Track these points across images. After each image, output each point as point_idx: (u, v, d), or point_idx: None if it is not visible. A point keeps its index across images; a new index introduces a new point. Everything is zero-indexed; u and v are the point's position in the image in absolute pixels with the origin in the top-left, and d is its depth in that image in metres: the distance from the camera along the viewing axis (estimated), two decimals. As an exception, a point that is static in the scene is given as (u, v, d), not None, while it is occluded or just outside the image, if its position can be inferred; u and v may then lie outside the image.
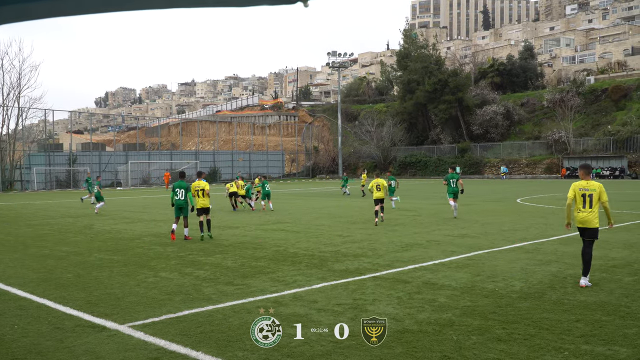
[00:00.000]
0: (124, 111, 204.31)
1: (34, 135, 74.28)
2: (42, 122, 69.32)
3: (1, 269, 11.26)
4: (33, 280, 10.03)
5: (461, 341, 6.13)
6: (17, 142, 58.59)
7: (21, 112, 57.72)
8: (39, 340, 6.43)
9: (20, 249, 14.11)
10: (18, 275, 10.56)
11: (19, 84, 57.09)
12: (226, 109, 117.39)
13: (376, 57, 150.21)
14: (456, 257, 11.56)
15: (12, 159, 56.26)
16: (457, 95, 72.40)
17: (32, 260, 12.28)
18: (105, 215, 23.63)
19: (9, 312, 7.77)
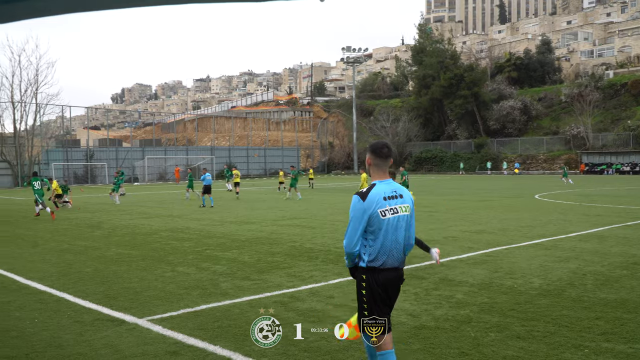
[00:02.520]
0: (140, 107, 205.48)
1: (52, 131, 75.06)
2: (60, 119, 70.04)
3: (21, 263, 11.40)
4: (52, 274, 10.13)
5: (479, 338, 6.09)
6: (35, 138, 59.20)
7: (39, 108, 58.32)
8: (59, 334, 6.49)
9: (40, 244, 14.26)
10: (38, 269, 10.68)
11: (36, 80, 57.65)
12: (241, 105, 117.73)
13: (391, 52, 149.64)
14: (473, 254, 11.49)
15: (31, 155, 56.87)
16: (473, 90, 71.92)
17: (52, 255, 12.41)
18: (122, 210, 23.83)
19: (29, 305, 7.86)
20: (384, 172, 4.42)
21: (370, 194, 4.25)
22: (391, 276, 4.34)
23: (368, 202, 4.22)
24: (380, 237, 4.25)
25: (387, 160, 4.42)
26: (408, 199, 4.43)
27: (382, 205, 4.24)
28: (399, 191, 4.37)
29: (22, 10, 1.98)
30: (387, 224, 4.25)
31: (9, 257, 12.10)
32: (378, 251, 4.27)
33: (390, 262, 4.32)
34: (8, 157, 55.42)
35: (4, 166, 55.26)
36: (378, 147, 4.43)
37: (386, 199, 4.27)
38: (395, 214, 4.29)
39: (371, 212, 4.21)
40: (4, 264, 11.18)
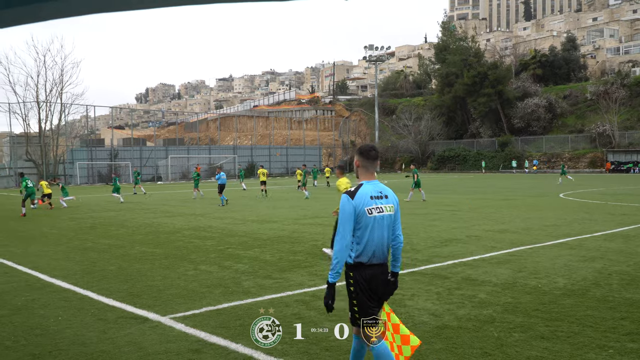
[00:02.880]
0: (164, 107, 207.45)
1: (77, 130, 76.12)
2: (84, 118, 70.92)
3: (45, 261, 11.56)
4: (76, 272, 10.25)
5: (502, 338, 6.03)
6: (60, 137, 60.08)
7: (64, 108, 59.17)
8: (83, 331, 6.57)
9: (64, 242, 14.46)
10: (62, 267, 10.82)
11: (61, 80, 58.51)
12: (263, 104, 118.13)
13: (414, 50, 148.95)
14: (497, 253, 11.38)
15: (56, 154, 57.72)
16: (497, 88, 71.22)
17: (76, 253, 12.56)
18: (146, 209, 24.07)
19: (53, 303, 7.96)
20: (371, 173, 4.68)
21: (359, 193, 4.47)
22: (377, 272, 4.53)
23: (356, 201, 4.42)
24: (367, 235, 4.44)
25: (375, 162, 4.68)
26: (393, 199, 4.64)
27: (369, 204, 4.45)
28: (384, 192, 4.60)
29: (47, 11, 1.99)
30: (373, 222, 4.45)
31: (34, 256, 12.29)
32: (364, 248, 4.46)
33: (376, 259, 4.52)
34: (33, 156, 56.30)
35: (29, 165, 56.14)
36: (366, 150, 4.68)
37: (373, 198, 4.49)
38: (381, 212, 4.49)
39: (359, 210, 4.41)
40: (29, 262, 11.35)
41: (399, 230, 4.69)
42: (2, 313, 7.45)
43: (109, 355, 5.73)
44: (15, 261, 11.52)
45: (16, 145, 57.95)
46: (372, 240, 4.47)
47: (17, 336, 6.42)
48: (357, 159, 4.71)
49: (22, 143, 57.56)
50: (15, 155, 57.40)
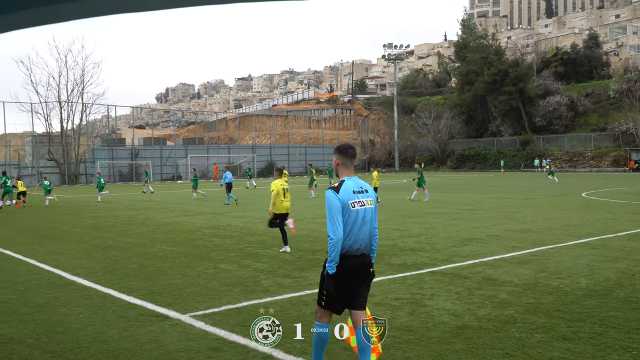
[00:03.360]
0: (184, 106, 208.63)
1: (98, 130, 76.81)
2: (105, 118, 71.66)
3: (67, 259, 11.69)
4: (98, 270, 10.35)
5: (524, 339, 5.96)
6: (82, 137, 60.76)
7: (85, 107, 59.85)
8: (104, 329, 6.63)
9: (86, 240, 14.61)
10: (83, 265, 10.93)
11: (82, 80, 59.17)
12: (282, 103, 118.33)
13: (433, 48, 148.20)
14: (518, 253, 11.27)
15: (77, 153, 58.39)
16: (518, 86, 70.50)
17: (97, 251, 12.69)
18: (166, 208, 24.25)
19: (74, 301, 8.05)
20: (350, 170, 4.98)
21: (342, 188, 4.78)
22: (358, 262, 4.80)
23: (341, 195, 4.73)
24: (350, 227, 4.72)
25: (353, 160, 5.00)
26: (372, 193, 4.95)
27: (352, 198, 4.76)
28: (364, 187, 4.92)
29: (70, 12, 2.00)
30: (356, 215, 4.75)
31: (56, 254, 12.43)
32: (348, 240, 4.73)
33: (359, 250, 4.80)
34: (55, 155, 57.00)
35: (51, 165, 56.84)
36: (344, 149, 5.00)
37: (355, 193, 4.80)
38: (362, 206, 4.80)
39: (344, 203, 4.71)
40: (51, 261, 11.49)
41: (376, 223, 4.98)
42: (25, 311, 7.54)
43: (130, 353, 5.78)
44: (37, 259, 11.67)
45: (38, 145, 58.72)
46: (356, 232, 4.74)
47: (39, 333, 6.50)
48: (336, 158, 5.00)
49: (44, 142, 58.30)
50: (37, 154, 58.17)
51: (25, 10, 1.93)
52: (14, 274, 10.11)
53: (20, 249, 13.10)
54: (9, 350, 5.91)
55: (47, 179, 29.70)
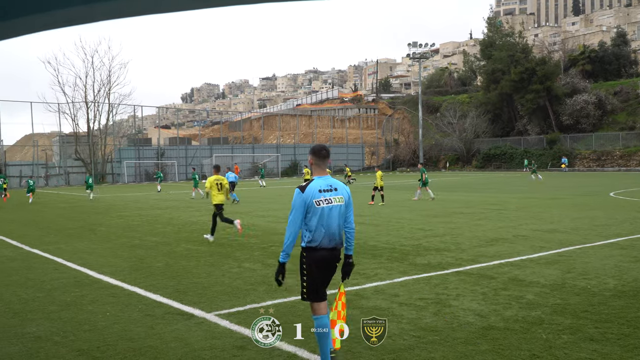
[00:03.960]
0: (209, 106, 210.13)
1: (124, 130, 77.87)
2: (132, 118, 72.53)
3: (94, 258, 11.84)
4: (124, 269, 10.47)
5: (551, 340, 5.88)
6: (108, 136, 61.58)
7: (111, 108, 60.65)
8: (130, 327, 6.69)
9: (112, 239, 14.79)
10: (110, 264, 11.06)
11: (109, 81, 59.99)
12: (306, 103, 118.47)
13: (458, 46, 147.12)
14: (545, 253, 11.12)
15: (104, 153, 59.18)
16: (545, 84, 69.53)
17: (123, 250, 12.84)
18: (191, 207, 24.44)
19: (101, 299, 8.14)
20: (323, 169, 5.31)
21: (308, 187, 5.13)
22: (326, 254, 5.18)
23: (306, 194, 5.09)
24: (315, 222, 5.07)
25: (326, 160, 5.32)
26: (343, 191, 5.27)
27: (317, 197, 5.09)
28: (334, 185, 5.23)
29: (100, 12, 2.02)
30: (320, 212, 5.08)
31: (83, 252, 12.61)
32: (314, 234, 5.10)
33: (325, 243, 5.14)
34: (82, 155, 57.83)
35: (78, 164, 57.68)
36: (318, 150, 5.31)
37: (321, 192, 5.13)
38: (330, 203, 5.13)
39: (308, 202, 5.07)
40: (78, 259, 11.65)
41: (351, 218, 5.34)
42: (52, 309, 7.65)
43: (156, 351, 5.83)
44: (64, 258, 11.84)
45: (65, 145, 59.66)
46: (321, 228, 5.09)
47: (65, 331, 6.58)
48: (310, 158, 5.33)
49: (71, 142, 59.23)
50: (64, 154, 59.10)
51: (55, 10, 1.95)
52: (41, 273, 10.28)
53: (47, 248, 13.31)
54: (36, 348, 6.00)
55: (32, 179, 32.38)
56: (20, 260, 11.73)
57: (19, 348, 6.01)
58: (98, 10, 1.99)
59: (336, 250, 5.24)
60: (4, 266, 11.08)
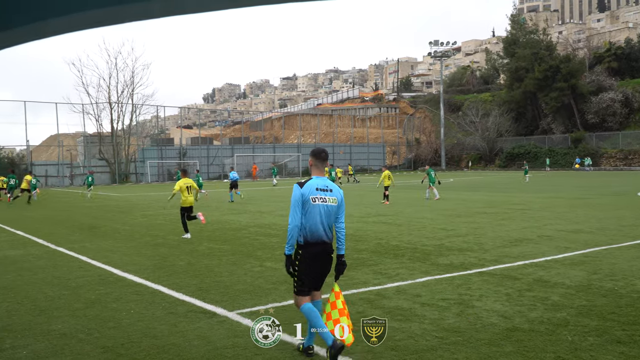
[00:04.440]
0: (230, 106, 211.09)
1: (147, 130, 78.60)
2: (154, 118, 73.27)
3: (118, 256, 11.96)
4: (148, 267, 10.56)
5: (577, 342, 5.78)
6: (132, 137, 62.21)
7: (135, 108, 61.29)
8: (154, 325, 6.74)
9: (136, 238, 14.93)
10: (134, 262, 11.16)
11: (132, 81, 60.65)
12: (327, 102, 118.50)
13: (481, 44, 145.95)
14: (570, 254, 10.96)
15: (127, 153, 59.81)
16: (570, 82, 68.66)
17: (147, 249, 12.95)
18: (213, 207, 24.58)
19: (125, 297, 8.22)
20: (321, 170, 5.73)
21: (307, 184, 5.54)
22: (319, 249, 5.52)
23: (304, 189, 5.50)
24: (310, 218, 5.45)
25: (324, 162, 5.76)
26: (337, 193, 5.64)
27: (314, 194, 5.49)
28: (329, 186, 5.62)
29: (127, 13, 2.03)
30: (316, 208, 5.47)
31: (107, 251, 12.74)
32: (309, 229, 5.46)
33: (317, 239, 5.49)
34: (106, 155, 58.53)
35: (102, 164, 58.37)
36: (318, 152, 5.77)
37: (318, 190, 5.52)
38: (324, 202, 5.51)
39: (305, 197, 5.46)
40: (102, 257, 11.77)
41: (342, 219, 5.70)
42: (77, 306, 7.74)
43: (179, 348, 5.86)
44: (89, 256, 11.98)
45: (90, 145, 60.41)
46: (315, 223, 5.46)
47: (90, 329, 6.65)
48: (310, 160, 5.79)
49: (95, 142, 59.96)
50: (88, 154, 59.84)
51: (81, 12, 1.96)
52: (66, 271, 10.41)
53: (72, 246, 13.48)
54: (62, 345, 6.07)
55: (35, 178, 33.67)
56: (47, 259, 11.90)
57: (44, 345, 6.09)
58: (124, 12, 2.00)
59: (327, 245, 5.58)
60: (31, 264, 11.25)
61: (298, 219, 5.45)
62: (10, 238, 15.63)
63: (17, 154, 61.97)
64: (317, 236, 5.50)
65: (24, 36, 2.16)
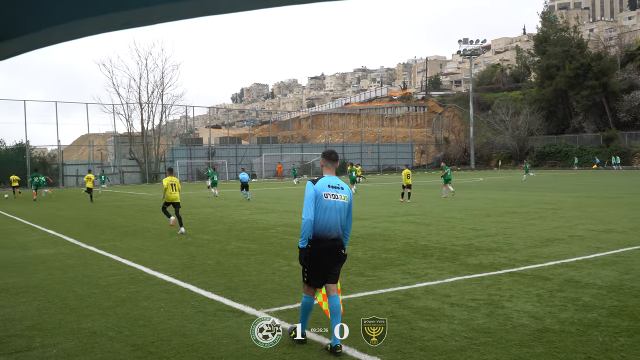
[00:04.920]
0: (258, 106, 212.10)
1: (176, 130, 79.36)
2: (184, 118, 74.00)
3: (148, 255, 12.11)
4: (177, 266, 10.67)
5: (608, 343, 5.69)
6: (161, 136, 62.92)
7: (164, 108, 61.99)
8: (183, 323, 6.81)
9: (165, 237, 15.11)
10: (164, 261, 11.29)
11: (162, 82, 61.36)
12: (355, 102, 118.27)
13: (511, 42, 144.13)
14: (602, 254, 10.77)
15: (157, 153, 60.53)
16: (601, 80, 67.45)
17: (176, 248, 13.09)
18: (242, 206, 24.74)
19: (155, 295, 8.32)
20: (331, 170, 6.09)
21: (320, 181, 5.89)
22: (330, 244, 5.78)
23: (317, 186, 5.82)
24: (321, 213, 5.74)
25: (335, 163, 6.11)
26: (347, 191, 5.98)
27: (326, 190, 5.82)
28: (340, 184, 5.95)
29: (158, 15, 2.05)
30: (327, 204, 5.77)
31: (137, 250, 12.91)
32: (320, 224, 5.74)
33: (330, 234, 5.77)
34: (136, 155, 59.30)
35: (132, 164, 59.16)
36: (329, 154, 6.15)
37: (330, 187, 5.85)
38: (336, 198, 5.83)
39: (318, 193, 5.77)
40: (133, 256, 11.94)
41: (350, 217, 6.04)
42: (107, 305, 7.85)
43: (208, 347, 5.91)
44: (119, 255, 12.15)
45: (120, 145, 61.26)
46: (327, 219, 5.75)
47: (120, 327, 6.74)
48: (322, 160, 6.19)
49: (126, 142, 60.78)
50: (119, 154, 60.69)
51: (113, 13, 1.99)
52: (97, 269, 10.57)
53: (103, 245, 13.70)
54: (92, 343, 6.16)
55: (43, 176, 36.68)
56: (77, 258, 12.10)
57: (74, 343, 6.18)
58: (156, 13, 2.02)
59: (338, 240, 5.85)
60: (62, 263, 11.45)
61: (311, 213, 5.70)
62: (41, 237, 15.95)
63: (49, 154, 63.13)
64: (327, 231, 5.75)
65: (54, 37, 2.20)
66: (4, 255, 12.76)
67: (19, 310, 7.68)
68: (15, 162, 52.26)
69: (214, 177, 32.12)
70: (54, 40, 2.24)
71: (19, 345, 6.13)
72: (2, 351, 5.96)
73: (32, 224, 19.39)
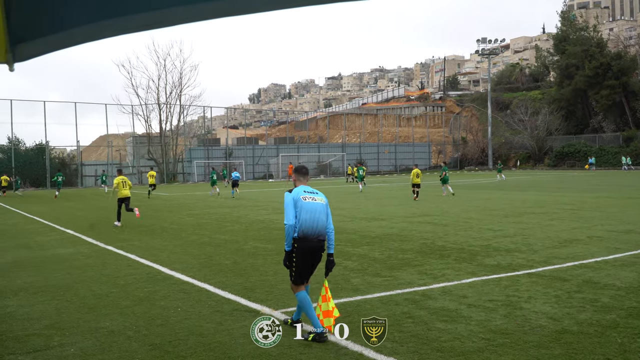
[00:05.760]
0: (275, 106, 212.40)
1: (194, 130, 79.82)
2: (201, 118, 74.42)
3: (166, 255, 12.20)
4: (194, 265, 10.74)
5: (626, 344, 5.63)
6: (179, 137, 63.32)
7: (182, 109, 62.42)
8: (200, 322, 6.85)
9: (183, 237, 15.20)
10: (181, 260, 11.36)
11: (180, 83, 61.88)
12: (372, 102, 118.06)
13: (530, 41, 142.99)
14: (621, 255, 10.64)
15: (175, 153, 60.94)
16: (621, 80, 66.66)
17: (193, 247, 13.17)
18: (258, 206, 24.81)
19: (173, 295, 8.37)
20: (304, 182, 6.65)
21: (295, 189, 6.43)
22: (312, 244, 6.24)
23: (293, 193, 6.35)
24: (304, 214, 6.19)
25: (306, 177, 6.74)
26: (322, 195, 6.49)
27: (302, 194, 6.32)
28: (315, 191, 6.47)
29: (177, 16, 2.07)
30: (307, 205, 6.24)
31: (155, 249, 13.01)
32: (302, 225, 6.17)
33: (310, 234, 6.21)
34: (154, 155, 59.75)
35: (150, 164, 59.63)
36: (300, 168, 6.81)
37: (305, 192, 6.37)
38: (313, 200, 6.32)
39: (296, 198, 6.28)
40: (150, 256, 12.03)
41: (330, 219, 6.45)
42: (125, 304, 7.92)
43: (225, 346, 5.94)
44: (137, 255, 12.25)
45: (138, 145, 61.76)
46: (308, 220, 6.18)
47: (138, 326, 6.80)
48: (294, 176, 6.77)
49: (144, 143, 61.27)
50: (137, 154, 61.19)
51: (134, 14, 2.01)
52: (115, 269, 10.67)
53: (121, 245, 13.82)
54: (109, 342, 6.21)
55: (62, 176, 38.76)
56: (96, 257, 12.22)
57: (92, 342, 6.24)
58: (177, 14, 2.03)
59: (320, 241, 6.29)
60: (80, 262, 11.57)
61: (292, 218, 6.19)
62: (60, 237, 16.13)
63: (68, 154, 63.81)
64: (312, 230, 6.20)
65: (75, 39, 2.23)
66: (23, 254, 12.93)
67: (38, 309, 7.78)
68: (35, 163, 52.91)
69: (213, 176, 33.99)
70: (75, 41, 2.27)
71: (38, 344, 6.21)
72: (20, 350, 6.04)
73: (51, 224, 19.62)
